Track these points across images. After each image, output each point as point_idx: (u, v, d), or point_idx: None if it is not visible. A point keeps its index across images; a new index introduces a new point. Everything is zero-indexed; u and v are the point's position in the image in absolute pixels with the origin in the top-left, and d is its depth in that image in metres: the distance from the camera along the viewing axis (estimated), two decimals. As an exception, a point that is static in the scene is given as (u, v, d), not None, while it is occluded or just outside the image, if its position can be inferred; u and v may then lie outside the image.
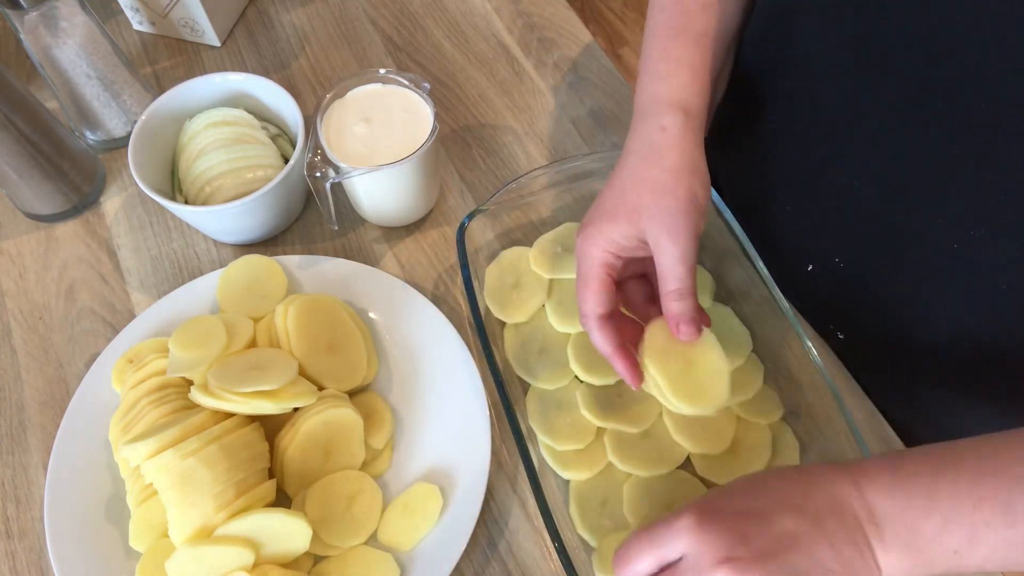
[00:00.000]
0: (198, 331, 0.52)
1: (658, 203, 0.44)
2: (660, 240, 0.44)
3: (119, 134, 0.67)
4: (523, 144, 0.68)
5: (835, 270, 0.55)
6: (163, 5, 0.70)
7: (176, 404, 0.50)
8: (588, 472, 0.50)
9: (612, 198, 0.46)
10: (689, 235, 0.44)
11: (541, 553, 0.51)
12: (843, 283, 0.55)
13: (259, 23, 0.76)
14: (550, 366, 0.54)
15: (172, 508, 0.45)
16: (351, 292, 0.58)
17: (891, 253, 0.51)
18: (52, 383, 0.58)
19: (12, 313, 0.61)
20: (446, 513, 0.50)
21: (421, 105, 0.57)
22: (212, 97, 0.62)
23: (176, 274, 0.62)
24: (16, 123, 0.57)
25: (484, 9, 0.76)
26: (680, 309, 0.44)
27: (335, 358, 0.53)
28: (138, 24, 0.75)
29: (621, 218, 0.45)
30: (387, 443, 0.53)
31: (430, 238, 0.63)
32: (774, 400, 0.53)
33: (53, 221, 0.65)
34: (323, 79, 0.72)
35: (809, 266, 0.57)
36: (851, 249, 0.54)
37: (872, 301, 0.54)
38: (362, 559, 0.48)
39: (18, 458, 0.55)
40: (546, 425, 0.51)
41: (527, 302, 0.56)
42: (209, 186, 0.58)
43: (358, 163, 0.54)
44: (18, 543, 0.52)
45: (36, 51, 0.60)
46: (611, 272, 0.46)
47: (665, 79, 0.48)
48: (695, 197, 0.45)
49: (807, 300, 0.58)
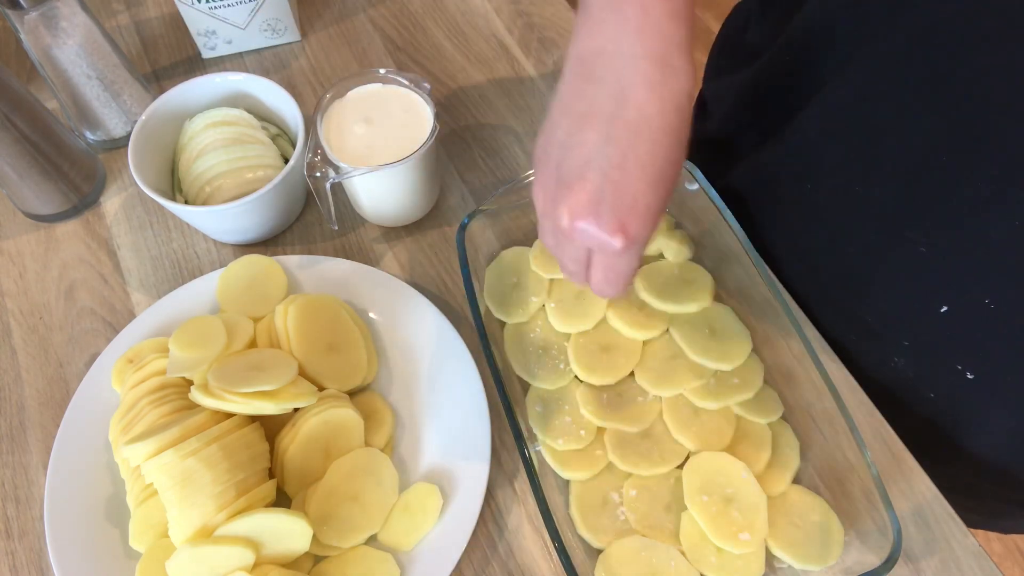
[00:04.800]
0: (198, 331, 0.52)
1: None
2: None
3: (119, 134, 0.67)
4: (523, 144, 0.68)
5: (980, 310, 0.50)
6: (244, 18, 0.70)
7: (176, 404, 0.50)
8: (588, 472, 0.50)
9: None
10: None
11: (541, 553, 0.51)
12: (990, 324, 0.50)
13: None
14: (550, 366, 0.54)
15: (172, 508, 0.45)
16: (351, 292, 0.58)
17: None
18: (52, 383, 0.58)
19: (12, 313, 0.61)
20: (446, 513, 0.50)
21: (421, 105, 0.57)
22: (212, 97, 0.62)
23: (176, 274, 0.62)
24: (16, 123, 0.57)
25: (484, 9, 0.76)
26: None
27: (335, 358, 0.53)
28: (210, 51, 0.73)
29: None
30: (387, 443, 0.53)
31: (430, 238, 0.63)
32: (774, 400, 0.53)
33: (53, 221, 0.65)
34: (323, 79, 0.72)
35: (944, 307, 0.52)
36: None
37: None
38: (362, 559, 0.48)
39: (18, 458, 0.55)
40: (546, 425, 0.51)
41: (527, 302, 0.56)
42: (209, 186, 0.58)
43: (358, 163, 0.54)
44: (18, 543, 0.52)
45: (36, 51, 0.60)
46: None
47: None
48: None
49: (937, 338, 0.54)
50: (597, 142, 0.38)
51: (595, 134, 0.38)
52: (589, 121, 0.39)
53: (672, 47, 0.38)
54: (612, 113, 0.38)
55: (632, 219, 0.38)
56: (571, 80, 0.41)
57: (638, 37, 0.38)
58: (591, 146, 0.38)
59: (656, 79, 0.38)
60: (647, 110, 0.38)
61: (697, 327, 0.54)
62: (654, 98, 0.38)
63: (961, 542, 0.49)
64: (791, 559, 0.47)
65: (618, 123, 0.38)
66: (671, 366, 0.53)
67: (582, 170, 0.38)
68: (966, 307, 0.49)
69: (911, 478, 0.52)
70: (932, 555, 0.49)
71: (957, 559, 0.49)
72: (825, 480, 0.50)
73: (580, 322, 0.55)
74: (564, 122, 0.40)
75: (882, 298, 0.54)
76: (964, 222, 0.45)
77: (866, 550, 0.46)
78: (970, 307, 0.49)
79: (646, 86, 0.38)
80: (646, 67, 0.38)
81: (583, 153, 0.39)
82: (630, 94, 0.38)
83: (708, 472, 0.49)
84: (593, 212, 0.38)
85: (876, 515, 0.45)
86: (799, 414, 0.52)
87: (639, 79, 0.38)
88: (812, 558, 0.47)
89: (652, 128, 0.38)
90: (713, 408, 0.52)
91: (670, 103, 0.38)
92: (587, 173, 0.38)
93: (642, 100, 0.38)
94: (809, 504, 0.49)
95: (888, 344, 0.55)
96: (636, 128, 0.38)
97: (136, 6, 0.78)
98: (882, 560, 0.43)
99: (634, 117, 0.38)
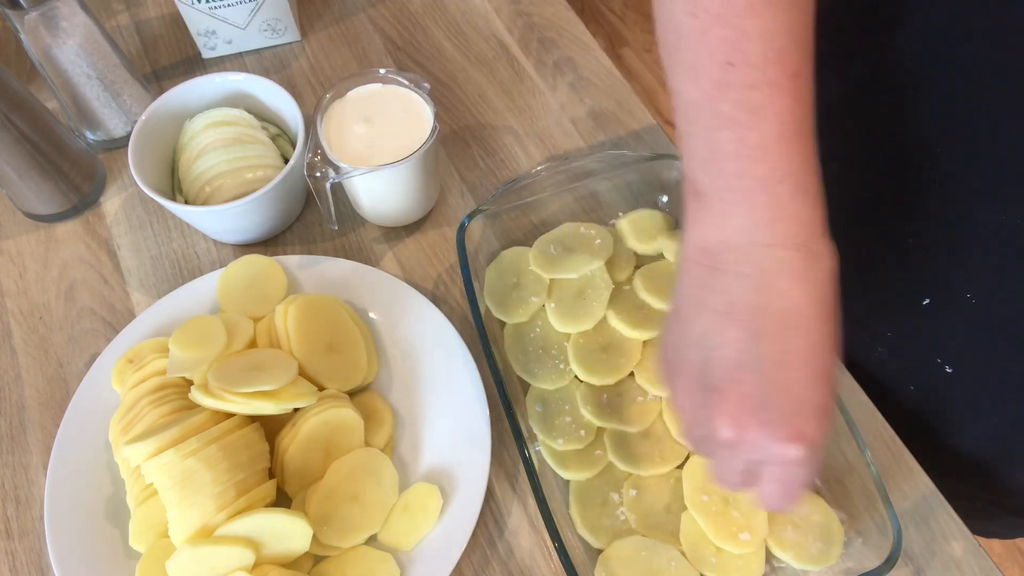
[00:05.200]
0: (198, 331, 0.52)
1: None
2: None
3: (119, 134, 0.67)
4: (523, 144, 0.68)
5: (963, 304, 0.49)
6: (244, 18, 0.69)
7: (176, 404, 0.50)
8: (588, 472, 0.50)
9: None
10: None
11: (541, 553, 0.51)
12: (970, 319, 0.50)
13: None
14: (550, 366, 0.54)
15: (172, 508, 0.45)
16: (351, 292, 0.58)
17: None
18: (52, 383, 0.58)
19: (12, 313, 0.61)
20: (446, 513, 0.50)
21: (421, 105, 0.57)
22: (212, 97, 0.62)
23: (176, 274, 0.62)
24: (16, 123, 0.57)
25: (484, 9, 0.76)
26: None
27: (335, 358, 0.53)
28: (210, 51, 0.73)
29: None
30: (387, 443, 0.53)
31: (430, 238, 0.63)
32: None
33: (53, 221, 0.65)
34: (323, 79, 0.72)
35: (926, 300, 0.51)
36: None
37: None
38: (362, 559, 0.48)
39: (18, 458, 0.55)
40: (546, 425, 0.51)
41: (527, 302, 0.56)
42: (209, 186, 0.58)
43: (358, 163, 0.54)
44: (18, 543, 0.52)
45: (36, 51, 0.60)
46: None
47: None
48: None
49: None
50: (745, 339, 0.34)
51: (741, 331, 0.34)
52: (731, 318, 0.35)
53: (811, 232, 0.35)
54: (756, 307, 0.34)
55: (806, 422, 0.34)
56: (697, 273, 0.37)
57: (772, 227, 0.35)
58: (739, 344, 0.34)
59: (799, 267, 0.34)
60: (796, 300, 0.34)
61: (697, 327, 0.54)
62: (800, 285, 0.34)
63: (961, 542, 0.49)
64: (791, 559, 0.47)
65: (766, 317, 0.34)
66: (671, 366, 0.53)
67: (735, 372, 0.34)
68: (948, 301, 0.49)
69: (911, 478, 0.52)
70: (932, 555, 0.49)
71: (957, 559, 0.49)
72: (825, 480, 0.50)
73: (580, 322, 0.55)
74: (699, 320, 0.36)
75: (868, 287, 0.53)
76: (952, 216, 0.45)
77: (866, 550, 0.46)
78: (952, 301, 0.48)
79: (791, 275, 0.34)
80: (787, 256, 0.34)
81: (731, 354, 0.35)
82: (774, 285, 0.34)
83: (708, 472, 0.49)
84: (760, 420, 0.34)
85: (876, 515, 0.45)
86: (799, 414, 0.52)
87: (781, 268, 0.34)
88: (812, 558, 0.47)
89: (806, 318, 0.34)
90: (713, 408, 0.52)
91: (818, 289, 0.35)
92: (743, 375, 0.34)
93: (788, 290, 0.34)
94: (809, 504, 0.49)
95: (872, 333, 0.55)
96: (787, 321, 0.34)
97: (136, 6, 0.78)
98: (882, 560, 0.43)
99: (783, 309, 0.34)
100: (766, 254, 0.35)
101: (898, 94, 0.44)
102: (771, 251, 0.35)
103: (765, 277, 0.34)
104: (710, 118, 0.35)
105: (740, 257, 0.35)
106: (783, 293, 0.34)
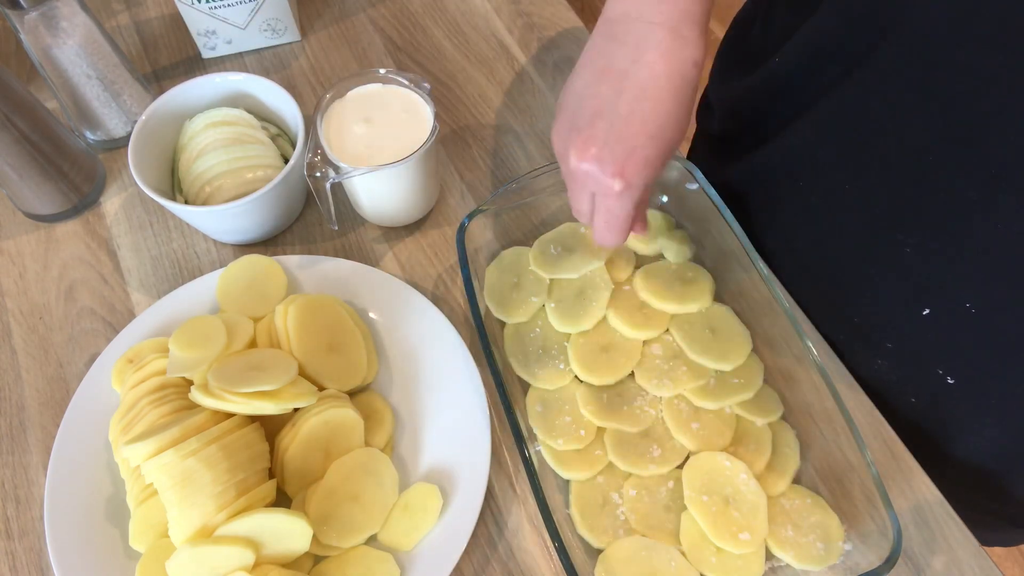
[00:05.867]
0: (198, 331, 0.52)
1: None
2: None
3: (119, 134, 0.67)
4: (523, 144, 0.68)
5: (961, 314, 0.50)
6: (244, 18, 0.70)
7: (176, 404, 0.50)
8: (588, 472, 0.50)
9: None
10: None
11: (541, 553, 0.51)
12: (970, 329, 0.50)
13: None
14: (550, 366, 0.54)
15: (172, 508, 0.45)
16: (351, 292, 0.58)
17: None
18: (52, 383, 0.58)
19: (12, 313, 0.61)
20: (446, 513, 0.50)
21: (421, 105, 0.57)
22: (212, 97, 0.62)
23: (176, 274, 0.62)
24: (16, 123, 0.57)
25: (484, 9, 0.76)
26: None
27: (335, 358, 0.53)
28: (210, 51, 0.73)
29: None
30: (387, 443, 0.53)
31: (430, 238, 0.63)
32: (774, 400, 0.53)
33: (53, 221, 0.65)
34: (323, 79, 0.72)
35: (926, 310, 0.52)
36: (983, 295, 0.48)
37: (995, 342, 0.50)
38: (362, 559, 0.48)
39: (18, 458, 0.55)
40: (546, 425, 0.51)
41: (527, 302, 0.56)
42: (209, 186, 0.58)
43: (358, 163, 0.54)
44: (18, 543, 0.52)
45: (36, 51, 0.60)
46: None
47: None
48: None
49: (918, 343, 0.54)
50: (609, 95, 0.43)
51: (608, 88, 0.43)
52: (605, 76, 0.43)
53: (687, 19, 0.43)
54: (626, 71, 0.43)
55: (630, 165, 0.42)
56: (596, 38, 0.46)
57: (658, 6, 0.43)
58: (603, 98, 0.43)
59: (668, 46, 0.42)
60: (656, 71, 0.42)
61: (697, 327, 0.54)
62: (664, 62, 0.42)
63: (961, 542, 0.49)
64: (791, 559, 0.47)
65: (630, 81, 0.43)
66: (671, 366, 0.53)
67: (592, 119, 0.43)
68: (947, 310, 0.49)
69: (911, 478, 0.52)
70: (932, 555, 0.49)
71: (957, 559, 0.49)
72: (825, 480, 0.50)
73: (580, 322, 0.55)
74: (584, 74, 0.45)
75: (867, 298, 0.54)
76: (950, 225, 0.46)
77: (866, 550, 0.46)
78: (951, 311, 0.49)
79: (658, 51, 0.42)
80: (661, 34, 0.42)
81: (596, 104, 0.43)
82: (644, 56, 0.42)
83: (708, 472, 0.49)
84: (596, 156, 0.43)
85: (876, 515, 0.45)
86: (799, 414, 0.52)
87: (653, 44, 0.42)
88: (812, 558, 0.47)
89: (658, 88, 0.42)
90: (713, 408, 0.52)
91: (677, 69, 0.42)
92: (596, 122, 0.43)
93: (653, 62, 0.42)
94: (809, 504, 0.49)
95: (873, 345, 0.55)
96: (644, 86, 0.42)
97: (136, 6, 0.78)
98: (882, 560, 0.43)
99: (644, 76, 0.42)
100: (645, 29, 0.43)
101: (895, 104, 0.45)
102: (649, 28, 0.43)
103: (639, 48, 0.43)
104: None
105: (627, 28, 0.44)
106: (648, 64, 0.42)
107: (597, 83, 0.44)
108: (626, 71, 0.43)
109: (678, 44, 0.42)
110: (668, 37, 0.42)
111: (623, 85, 0.43)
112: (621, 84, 0.43)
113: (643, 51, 0.43)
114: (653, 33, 0.43)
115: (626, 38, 0.43)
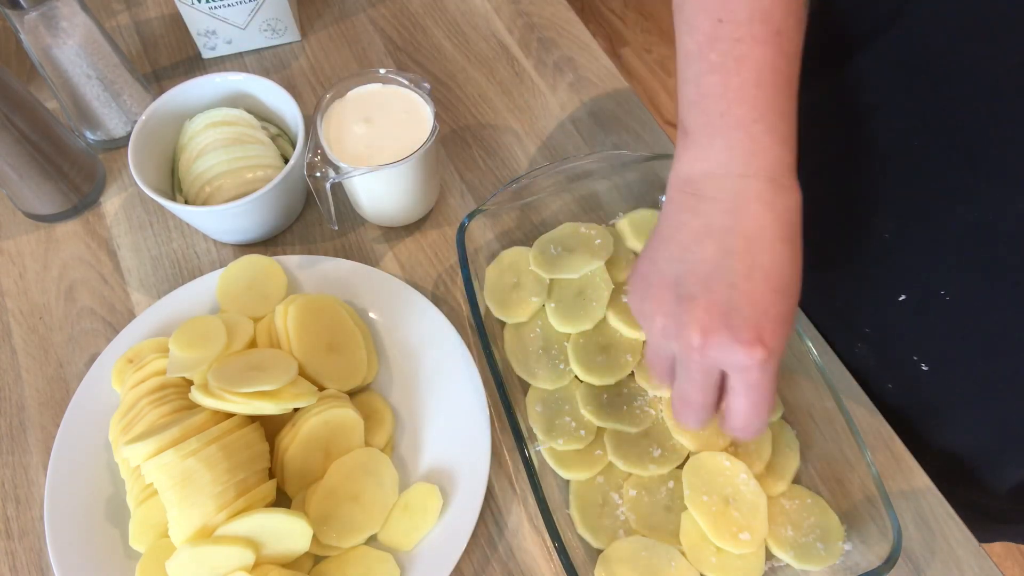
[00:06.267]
0: (198, 331, 0.52)
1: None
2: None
3: (119, 134, 0.67)
4: (523, 144, 0.68)
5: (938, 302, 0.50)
6: (244, 18, 0.69)
7: (176, 404, 0.50)
8: (588, 472, 0.50)
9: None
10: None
11: (541, 553, 0.51)
12: (945, 316, 0.50)
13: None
14: (550, 366, 0.54)
15: (172, 508, 0.45)
16: (351, 292, 0.58)
17: (999, 288, 0.47)
18: (52, 383, 0.58)
19: (12, 313, 0.61)
20: (446, 513, 0.50)
21: (421, 105, 0.57)
22: (212, 97, 0.62)
23: (176, 274, 0.62)
24: (16, 123, 0.57)
25: (484, 9, 0.76)
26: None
27: (335, 358, 0.53)
28: (210, 51, 0.73)
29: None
30: (387, 443, 0.53)
31: (430, 238, 0.63)
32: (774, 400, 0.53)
33: (53, 221, 0.65)
34: (323, 79, 0.72)
35: (902, 296, 0.52)
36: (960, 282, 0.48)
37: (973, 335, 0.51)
38: (362, 559, 0.48)
39: (18, 458, 0.55)
40: (546, 425, 0.51)
41: (527, 302, 0.56)
42: (209, 186, 0.58)
43: (358, 163, 0.54)
44: (18, 543, 0.52)
45: (36, 51, 0.60)
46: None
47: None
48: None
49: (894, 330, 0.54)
50: (718, 255, 0.38)
51: (714, 246, 0.38)
52: (707, 236, 0.39)
53: (781, 168, 0.39)
54: (730, 227, 0.38)
55: (767, 328, 0.37)
56: (677, 198, 0.41)
57: (748, 160, 0.39)
58: (712, 260, 0.38)
59: (770, 196, 0.38)
60: (764, 222, 0.38)
61: (697, 327, 0.54)
62: (770, 212, 0.38)
63: (961, 542, 0.49)
64: (791, 559, 0.47)
65: (736, 236, 0.38)
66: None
67: (707, 283, 0.38)
68: (923, 297, 0.49)
69: (911, 478, 0.52)
70: (932, 555, 0.49)
71: (957, 559, 0.49)
72: (825, 480, 0.50)
73: (580, 322, 0.55)
74: (678, 238, 0.40)
75: (848, 283, 0.54)
76: (929, 212, 0.46)
77: (866, 550, 0.46)
78: (926, 298, 0.49)
79: (760, 201, 0.38)
80: (760, 185, 0.38)
81: (704, 268, 0.38)
82: (746, 208, 0.38)
83: (708, 472, 0.49)
84: (727, 324, 0.37)
85: (876, 515, 0.45)
86: (799, 414, 0.52)
87: (753, 195, 0.38)
88: (812, 558, 0.47)
89: (772, 238, 0.38)
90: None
91: (784, 216, 0.38)
92: (713, 285, 0.38)
93: (758, 214, 0.38)
94: (809, 504, 0.49)
95: (853, 330, 0.55)
96: (754, 238, 0.38)
97: (136, 6, 0.78)
98: (882, 560, 0.43)
99: (752, 228, 0.38)
100: (740, 183, 0.39)
101: (878, 93, 0.45)
102: (744, 181, 0.39)
103: (738, 202, 0.38)
104: (701, 66, 0.39)
105: (717, 185, 0.39)
106: (753, 216, 0.38)
107: (699, 244, 0.39)
108: (730, 227, 0.38)
109: (778, 192, 0.39)
110: (768, 188, 0.38)
111: (731, 241, 0.38)
112: (728, 241, 0.38)
113: (743, 203, 0.38)
114: (750, 186, 0.39)
115: (719, 194, 0.39)
